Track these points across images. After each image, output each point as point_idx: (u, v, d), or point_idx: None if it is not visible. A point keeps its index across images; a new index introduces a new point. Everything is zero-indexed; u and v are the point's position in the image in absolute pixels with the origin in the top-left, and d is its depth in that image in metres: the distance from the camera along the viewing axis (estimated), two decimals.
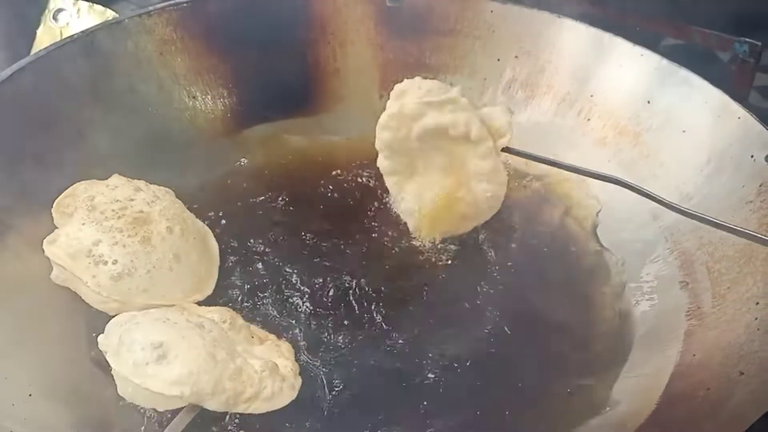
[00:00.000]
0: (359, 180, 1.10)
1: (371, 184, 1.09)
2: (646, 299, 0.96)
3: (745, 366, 0.77)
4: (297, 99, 1.17)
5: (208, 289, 0.92)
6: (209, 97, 1.12)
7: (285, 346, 0.86)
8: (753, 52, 1.21)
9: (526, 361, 0.88)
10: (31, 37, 1.27)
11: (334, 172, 1.11)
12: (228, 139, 1.13)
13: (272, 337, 0.87)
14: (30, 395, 0.76)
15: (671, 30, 1.33)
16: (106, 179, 0.93)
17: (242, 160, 1.12)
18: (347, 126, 1.18)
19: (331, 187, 1.09)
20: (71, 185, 0.92)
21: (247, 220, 1.02)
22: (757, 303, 0.83)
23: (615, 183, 0.92)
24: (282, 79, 1.15)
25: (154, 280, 0.86)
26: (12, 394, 0.75)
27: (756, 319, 0.82)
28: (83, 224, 0.86)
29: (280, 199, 1.06)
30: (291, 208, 1.05)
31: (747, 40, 1.21)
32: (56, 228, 0.88)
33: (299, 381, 0.82)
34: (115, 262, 0.84)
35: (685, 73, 1.02)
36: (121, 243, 0.85)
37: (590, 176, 0.94)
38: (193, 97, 1.11)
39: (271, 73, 1.14)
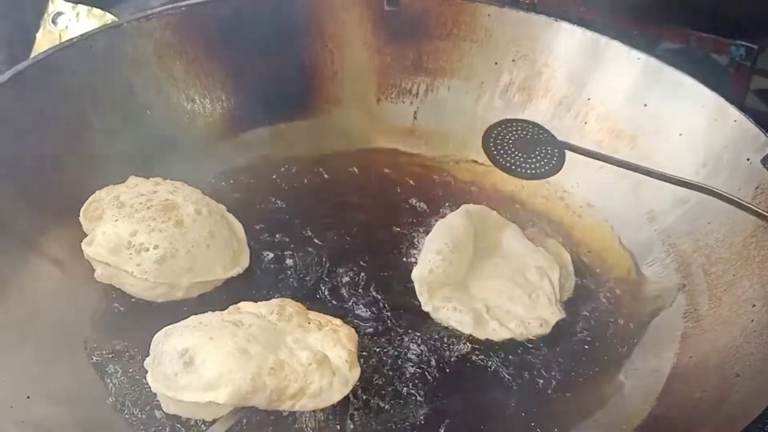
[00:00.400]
0: (357, 183, 1.11)
1: (367, 189, 1.10)
2: None
3: (741, 368, 0.78)
4: (295, 102, 1.17)
5: (245, 261, 0.94)
6: (207, 100, 1.12)
7: (345, 332, 0.80)
8: (749, 55, 1.22)
9: (522, 362, 0.88)
10: (31, 41, 1.27)
11: (331, 176, 1.12)
12: (226, 142, 1.13)
13: (336, 321, 0.81)
14: (28, 397, 0.76)
15: (668, 34, 1.33)
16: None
17: (240, 163, 1.12)
18: (345, 129, 1.18)
19: (328, 191, 1.09)
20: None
21: (246, 224, 1.02)
22: (753, 305, 0.83)
23: (706, 192, 0.91)
24: (280, 83, 1.15)
25: (196, 258, 0.88)
26: (10, 396, 0.75)
27: (752, 321, 0.82)
28: (116, 221, 0.88)
29: (279, 202, 1.06)
30: (290, 211, 1.05)
31: (743, 43, 1.22)
32: (85, 234, 0.89)
33: (356, 373, 0.76)
34: (156, 246, 0.86)
35: (681, 77, 1.02)
36: (157, 229, 0.87)
37: (679, 184, 0.93)
38: (192, 100, 1.11)
39: (269, 77, 1.14)
